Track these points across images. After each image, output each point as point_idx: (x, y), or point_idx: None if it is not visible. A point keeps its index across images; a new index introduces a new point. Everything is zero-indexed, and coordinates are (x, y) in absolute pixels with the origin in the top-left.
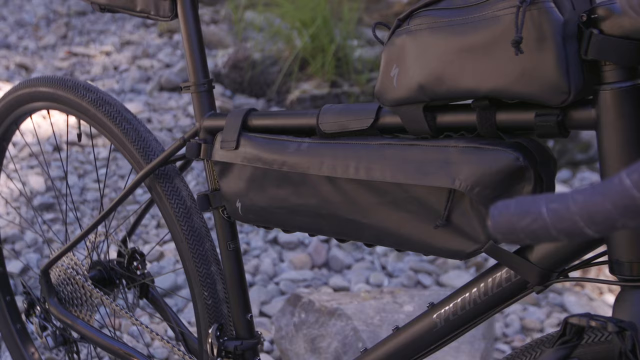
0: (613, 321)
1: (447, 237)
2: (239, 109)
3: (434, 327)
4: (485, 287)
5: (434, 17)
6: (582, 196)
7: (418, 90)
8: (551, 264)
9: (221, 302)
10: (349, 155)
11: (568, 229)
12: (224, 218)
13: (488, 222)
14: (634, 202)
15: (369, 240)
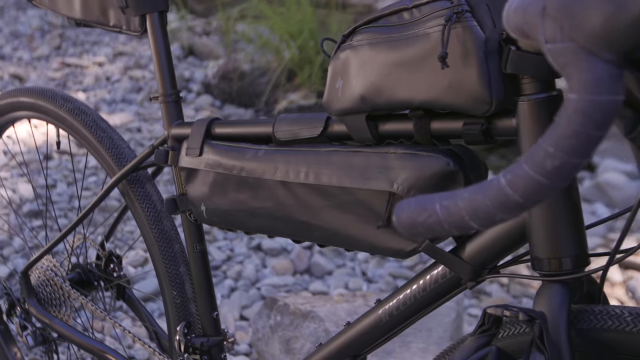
0: (524, 311)
1: (389, 237)
2: (204, 118)
3: (380, 322)
4: (424, 284)
5: (373, 34)
6: (468, 194)
7: (360, 101)
8: (482, 261)
9: (189, 301)
10: (300, 161)
11: (457, 223)
12: (190, 221)
13: (393, 218)
14: (507, 199)
15: (320, 240)
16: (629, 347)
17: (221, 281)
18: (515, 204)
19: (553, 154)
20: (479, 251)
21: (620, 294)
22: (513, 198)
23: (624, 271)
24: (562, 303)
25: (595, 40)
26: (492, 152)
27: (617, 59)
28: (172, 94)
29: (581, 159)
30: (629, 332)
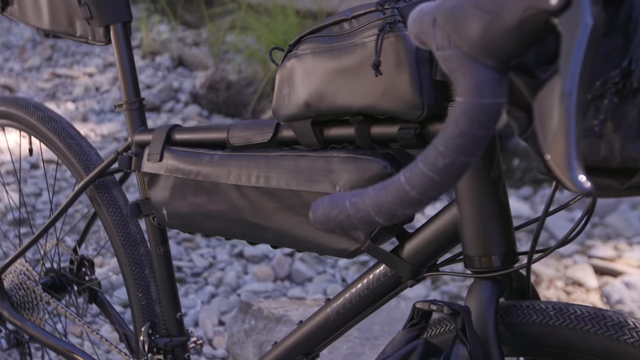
0: (449, 305)
1: (335, 238)
2: (165, 125)
3: (329, 320)
4: (367, 282)
5: (316, 43)
6: (373, 191)
7: (305, 107)
8: (420, 260)
9: (154, 302)
10: (252, 166)
11: (364, 218)
12: (154, 225)
13: (310, 214)
14: (406, 195)
15: (272, 241)
16: (551, 340)
17: (202, 287)
18: (413, 199)
19: (443, 152)
20: (417, 250)
21: (595, 300)
22: (411, 194)
23: (599, 277)
24: (490, 298)
25: (476, 48)
26: None
27: (498, 65)
28: (135, 101)
29: (469, 157)
30: (551, 325)
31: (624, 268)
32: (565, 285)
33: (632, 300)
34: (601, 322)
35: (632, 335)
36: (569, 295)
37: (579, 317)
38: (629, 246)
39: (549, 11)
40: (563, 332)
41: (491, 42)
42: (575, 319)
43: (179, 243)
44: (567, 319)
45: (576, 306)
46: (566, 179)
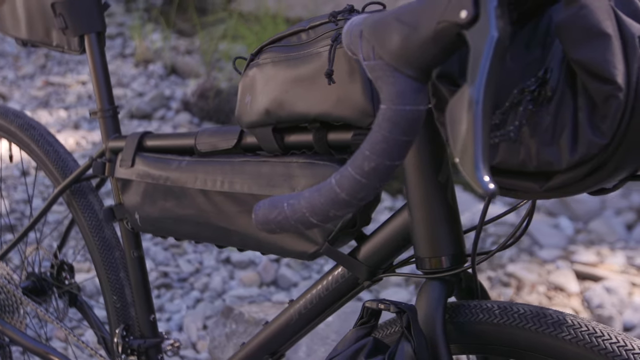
0: (395, 304)
1: (294, 240)
2: (137, 132)
3: (292, 320)
4: (327, 284)
5: (276, 53)
6: (308, 194)
7: (266, 114)
8: (376, 262)
9: (129, 305)
10: (217, 171)
11: (300, 219)
12: (127, 229)
13: (253, 215)
14: (337, 196)
15: (238, 244)
16: (497, 338)
17: (188, 292)
18: (343, 201)
19: (369, 156)
20: (372, 253)
21: (576, 304)
22: (341, 196)
23: (581, 282)
24: (439, 298)
25: (397, 58)
26: None
27: (418, 74)
28: (109, 109)
29: (393, 161)
30: (497, 324)
31: (605, 273)
32: (547, 290)
33: (612, 305)
34: (542, 320)
35: (570, 332)
36: (550, 300)
37: (522, 315)
38: (611, 251)
39: (460, 24)
40: (507, 330)
41: (410, 53)
42: (518, 318)
43: (166, 249)
44: (511, 318)
45: (520, 305)
46: (473, 181)
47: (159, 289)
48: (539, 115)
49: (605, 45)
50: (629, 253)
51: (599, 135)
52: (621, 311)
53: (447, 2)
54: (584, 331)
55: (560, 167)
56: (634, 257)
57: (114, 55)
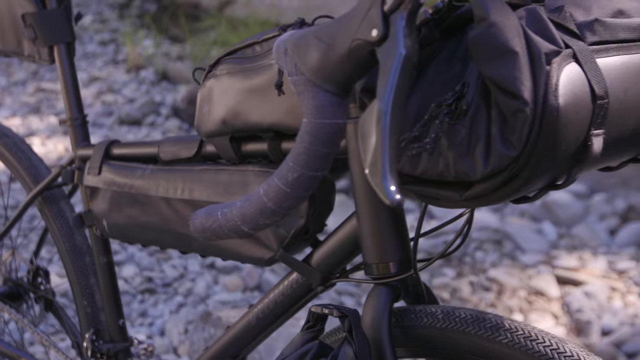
0: (337, 309)
1: (252, 247)
2: (105, 140)
3: (250, 325)
4: (282, 289)
5: (232, 64)
6: (240, 203)
7: (222, 124)
8: (328, 268)
9: (99, 310)
10: (178, 179)
11: (233, 227)
12: (97, 235)
13: (190, 223)
14: (264, 205)
15: (199, 251)
16: (440, 342)
17: (171, 297)
18: (270, 210)
19: (293, 167)
20: (324, 259)
21: (556, 309)
22: (268, 205)
23: (562, 287)
24: (385, 303)
25: (316, 74)
26: None
27: (337, 89)
28: (78, 117)
29: (315, 172)
30: (439, 328)
31: (585, 278)
32: (528, 294)
33: (591, 309)
34: (481, 324)
35: (507, 336)
36: (530, 305)
37: (463, 319)
38: (593, 256)
39: (371, 42)
40: (449, 335)
41: (328, 69)
42: (459, 322)
43: (152, 254)
44: (453, 322)
45: (462, 309)
46: (380, 191)
47: (142, 294)
48: (456, 128)
49: (513, 62)
50: (611, 258)
51: (509, 148)
52: (600, 315)
53: (360, 21)
54: (520, 335)
55: (475, 177)
56: (616, 262)
57: (106, 61)
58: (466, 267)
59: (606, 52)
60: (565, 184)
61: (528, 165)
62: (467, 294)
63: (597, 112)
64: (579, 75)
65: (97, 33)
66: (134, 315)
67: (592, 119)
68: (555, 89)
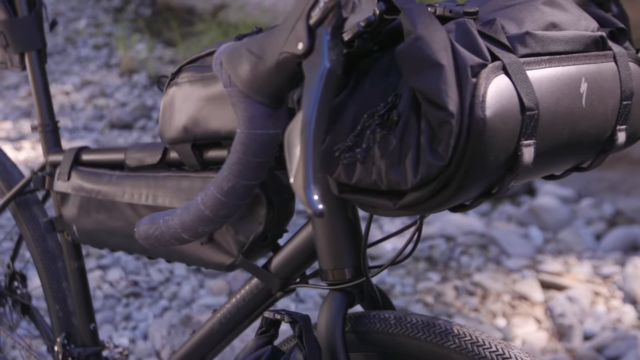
0: (288, 314)
1: (213, 252)
2: (75, 147)
3: (214, 330)
4: (244, 294)
5: (192, 72)
6: (180, 211)
7: (184, 131)
8: (287, 274)
9: (71, 314)
10: (143, 185)
11: (174, 234)
12: (68, 240)
13: (135, 230)
14: (202, 214)
15: (164, 256)
16: (392, 347)
17: (156, 301)
18: (208, 218)
19: (227, 177)
20: (283, 265)
21: (539, 314)
22: (205, 213)
23: (546, 291)
24: (339, 308)
25: (247, 85)
26: None
27: (268, 101)
28: (49, 124)
29: (249, 181)
30: (391, 333)
31: (569, 282)
32: (512, 299)
33: (573, 314)
34: (431, 330)
35: (455, 341)
36: (514, 309)
37: (414, 325)
38: (578, 261)
39: (297, 55)
40: (400, 340)
41: (258, 81)
42: (410, 327)
43: (138, 258)
44: (404, 327)
45: (413, 315)
46: (303, 201)
47: (127, 298)
48: (388, 139)
49: (439, 75)
50: (596, 263)
51: (437, 158)
52: (582, 320)
53: (288, 35)
54: (467, 340)
55: (406, 186)
56: (600, 267)
57: (100, 65)
58: (451, 271)
59: (538, 64)
60: (499, 193)
61: (457, 175)
62: (451, 298)
63: (527, 123)
64: (507, 87)
65: (92, 37)
66: (117, 318)
67: (522, 129)
68: (482, 101)
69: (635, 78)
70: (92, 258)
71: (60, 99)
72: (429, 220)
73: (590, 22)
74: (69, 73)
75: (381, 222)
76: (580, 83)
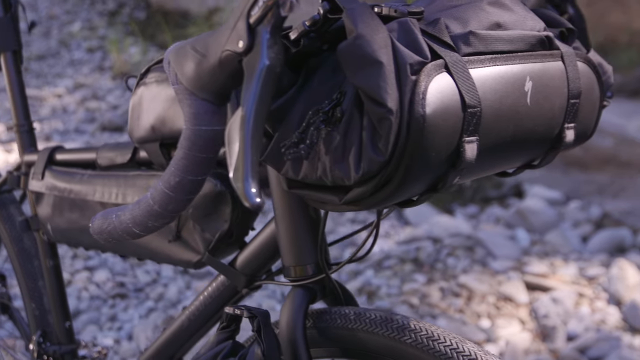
0: (247, 309)
1: (180, 250)
2: (49, 147)
3: (183, 326)
4: (211, 291)
5: (160, 73)
6: (132, 206)
7: (152, 130)
8: (252, 271)
9: (47, 312)
10: (113, 184)
11: (126, 229)
12: (43, 239)
13: (90, 225)
14: (151, 208)
15: (134, 254)
16: (351, 342)
17: (142, 302)
18: (157, 213)
19: (174, 172)
20: (248, 262)
21: (524, 315)
22: (154, 208)
23: (531, 292)
24: (301, 304)
25: (192, 83)
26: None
27: (213, 98)
28: (24, 124)
29: (195, 176)
30: (351, 328)
31: (554, 284)
32: (497, 300)
33: (557, 315)
34: (388, 325)
35: (411, 336)
36: (498, 311)
37: (372, 320)
38: (564, 262)
39: (238, 53)
40: (360, 335)
41: (202, 78)
42: (369, 323)
43: (125, 260)
44: (363, 323)
45: (372, 311)
46: (241, 194)
47: (113, 299)
48: (332, 135)
49: (378, 72)
50: (582, 264)
51: (378, 153)
52: (566, 321)
53: (229, 33)
54: (423, 335)
55: (350, 182)
56: (586, 268)
57: (93, 68)
58: (437, 273)
59: (481, 62)
60: (444, 188)
61: (399, 170)
62: (436, 299)
63: (469, 120)
64: (448, 84)
65: (85, 40)
66: (103, 319)
67: (464, 126)
68: (423, 98)
69: (584, 77)
70: (80, 259)
71: (52, 101)
72: (417, 223)
73: (537, 23)
74: (62, 76)
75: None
76: (524, 81)
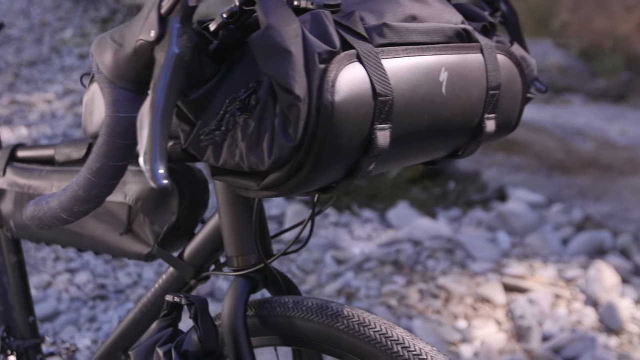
0: (185, 297)
1: (132, 242)
2: (11, 144)
3: (136, 319)
4: (161, 283)
5: None
6: (61, 192)
7: None
8: (199, 262)
9: (11, 308)
10: (68, 179)
11: (55, 215)
12: (6, 235)
13: (23, 212)
14: (76, 194)
15: (90, 248)
16: (289, 330)
17: (122, 304)
18: (81, 198)
19: (96, 158)
20: (195, 254)
21: (500, 316)
22: (79, 193)
23: (508, 294)
24: (242, 294)
25: (111, 71)
26: (415, 183)
27: (131, 86)
28: None
29: (115, 162)
30: (289, 316)
31: (532, 285)
32: (475, 301)
33: (532, 316)
34: (323, 312)
35: (344, 322)
36: (475, 312)
37: (309, 308)
38: (543, 264)
39: (150, 42)
40: (297, 322)
41: (120, 67)
42: (305, 310)
43: (107, 262)
44: (300, 311)
45: (310, 299)
46: (149, 175)
47: (94, 300)
48: (248, 122)
49: (287, 61)
50: (561, 266)
51: (288, 139)
52: (541, 322)
53: (143, 23)
54: (355, 321)
55: (264, 167)
56: (565, 270)
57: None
58: (417, 275)
59: (395, 53)
60: (358, 175)
61: (310, 155)
62: (414, 301)
63: (380, 108)
64: (359, 73)
65: (77, 47)
66: (82, 320)
67: (375, 114)
68: (332, 86)
69: (505, 70)
70: (61, 261)
71: (41, 107)
72: (399, 225)
73: (455, 16)
74: (52, 82)
75: (353, 227)
76: (439, 72)
